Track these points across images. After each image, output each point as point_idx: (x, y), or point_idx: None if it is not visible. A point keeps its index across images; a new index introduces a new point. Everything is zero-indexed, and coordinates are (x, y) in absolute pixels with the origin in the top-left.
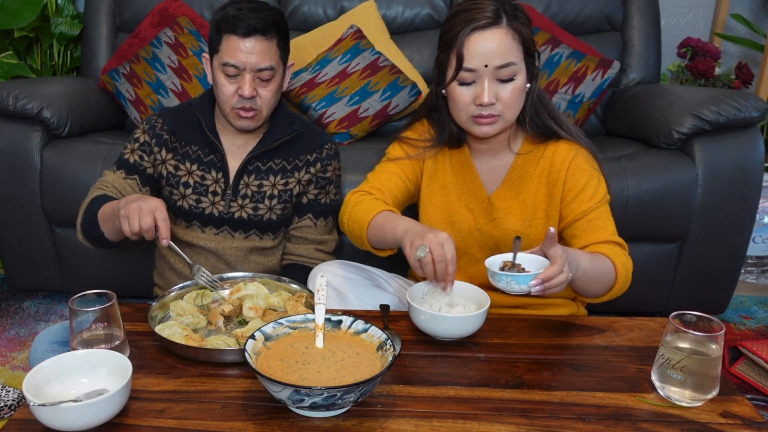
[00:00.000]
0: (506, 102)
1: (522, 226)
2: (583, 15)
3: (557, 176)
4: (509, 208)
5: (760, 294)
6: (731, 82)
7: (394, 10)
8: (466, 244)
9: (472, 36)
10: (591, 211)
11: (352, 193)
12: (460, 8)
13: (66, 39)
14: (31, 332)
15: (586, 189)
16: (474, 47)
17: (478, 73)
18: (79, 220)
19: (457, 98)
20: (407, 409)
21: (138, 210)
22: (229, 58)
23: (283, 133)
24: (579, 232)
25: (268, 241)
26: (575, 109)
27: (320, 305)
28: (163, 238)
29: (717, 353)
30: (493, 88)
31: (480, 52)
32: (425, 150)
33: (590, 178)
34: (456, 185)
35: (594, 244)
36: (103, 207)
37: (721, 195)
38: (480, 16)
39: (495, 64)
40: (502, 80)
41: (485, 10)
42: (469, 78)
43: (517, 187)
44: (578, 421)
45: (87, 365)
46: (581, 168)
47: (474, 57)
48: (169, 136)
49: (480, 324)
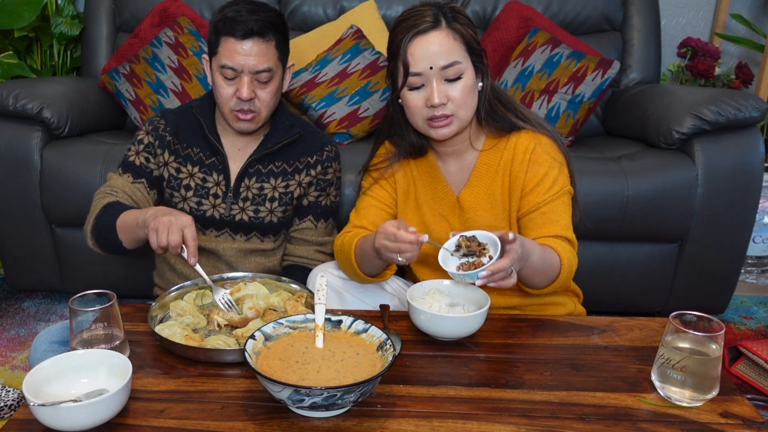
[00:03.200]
0: (458, 101)
1: (494, 221)
2: (583, 15)
3: (519, 167)
4: (478, 205)
5: (760, 294)
6: (731, 82)
7: (394, 10)
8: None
9: (414, 41)
10: (545, 203)
11: (337, 238)
12: (401, 18)
13: (66, 39)
14: (31, 332)
15: (545, 180)
16: (417, 51)
17: (425, 76)
18: (89, 227)
19: (410, 104)
20: (407, 409)
21: (168, 224)
22: (227, 60)
23: (283, 136)
24: (532, 224)
25: (268, 243)
26: (575, 109)
27: (320, 305)
28: (190, 257)
29: (717, 353)
30: (441, 88)
31: (423, 55)
32: (390, 166)
33: (549, 169)
34: (426, 196)
35: (544, 238)
36: (125, 215)
37: (721, 195)
38: (420, 22)
39: (439, 65)
40: (449, 80)
41: (424, 16)
42: (418, 82)
43: (484, 182)
44: (578, 421)
45: (87, 365)
46: (541, 159)
47: (418, 61)
48: (171, 138)
49: (480, 324)
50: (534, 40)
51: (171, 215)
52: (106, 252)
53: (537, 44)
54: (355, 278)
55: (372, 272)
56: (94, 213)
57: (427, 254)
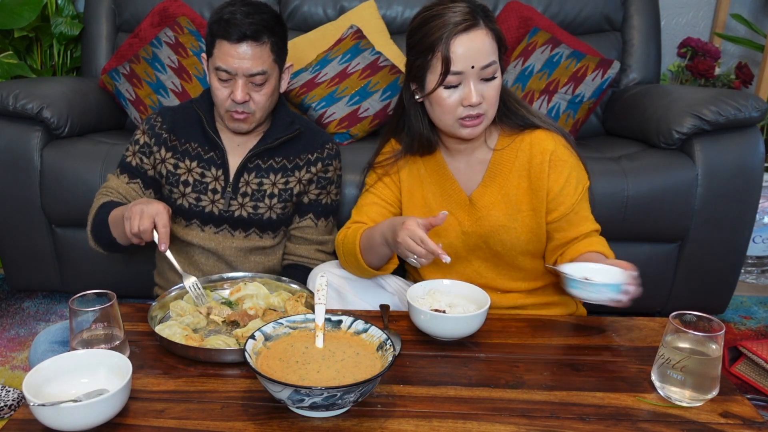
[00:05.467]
0: (490, 100)
1: (507, 220)
2: (583, 15)
3: (540, 169)
4: (492, 204)
5: (760, 294)
6: (731, 82)
7: (394, 10)
8: (455, 248)
9: (457, 39)
10: (577, 203)
11: (338, 234)
12: (430, 14)
13: (66, 39)
14: (31, 332)
15: (570, 181)
16: (459, 50)
17: (464, 74)
18: (88, 228)
19: (443, 102)
20: (407, 409)
21: (140, 213)
22: (221, 63)
23: (284, 132)
24: (567, 225)
25: (267, 240)
26: (575, 109)
27: (320, 305)
28: (161, 243)
29: (717, 353)
30: (479, 88)
31: (466, 54)
32: (395, 162)
33: (572, 169)
34: (435, 194)
35: (582, 236)
36: (113, 211)
37: (721, 195)
38: (459, 19)
39: (480, 65)
40: (485, 79)
41: (461, 13)
42: (456, 81)
43: (498, 181)
44: (578, 421)
45: (87, 365)
46: (562, 160)
47: (460, 60)
48: (168, 135)
49: (480, 324)
50: (534, 40)
51: (144, 204)
52: (107, 251)
53: (537, 44)
54: (357, 271)
55: (376, 263)
56: (92, 213)
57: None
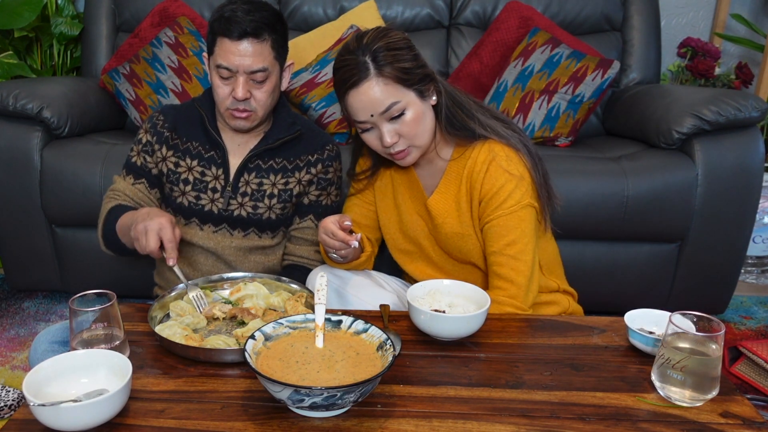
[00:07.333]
0: (409, 134)
1: (460, 228)
2: (583, 15)
3: (476, 178)
4: (446, 212)
5: (760, 294)
6: (731, 82)
7: (394, 10)
8: (425, 249)
9: (349, 95)
10: (498, 217)
11: None
12: (335, 66)
13: (66, 39)
14: (31, 332)
15: (500, 193)
16: (354, 104)
17: (369, 121)
18: (99, 233)
19: (369, 143)
20: (407, 409)
21: (144, 232)
22: (222, 60)
23: (284, 133)
24: (485, 236)
25: (267, 240)
26: (575, 109)
27: (320, 305)
28: (168, 259)
29: (717, 353)
30: (390, 128)
31: (360, 107)
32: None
33: (505, 182)
34: (404, 195)
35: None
36: (120, 219)
37: (721, 195)
38: (348, 75)
39: (378, 111)
40: (394, 118)
41: (349, 68)
42: (367, 126)
43: (451, 190)
44: (578, 421)
45: (87, 365)
46: (496, 173)
47: (358, 112)
48: (170, 133)
49: (480, 324)
50: (534, 40)
51: (145, 221)
52: (121, 255)
53: (537, 44)
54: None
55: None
56: (101, 218)
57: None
